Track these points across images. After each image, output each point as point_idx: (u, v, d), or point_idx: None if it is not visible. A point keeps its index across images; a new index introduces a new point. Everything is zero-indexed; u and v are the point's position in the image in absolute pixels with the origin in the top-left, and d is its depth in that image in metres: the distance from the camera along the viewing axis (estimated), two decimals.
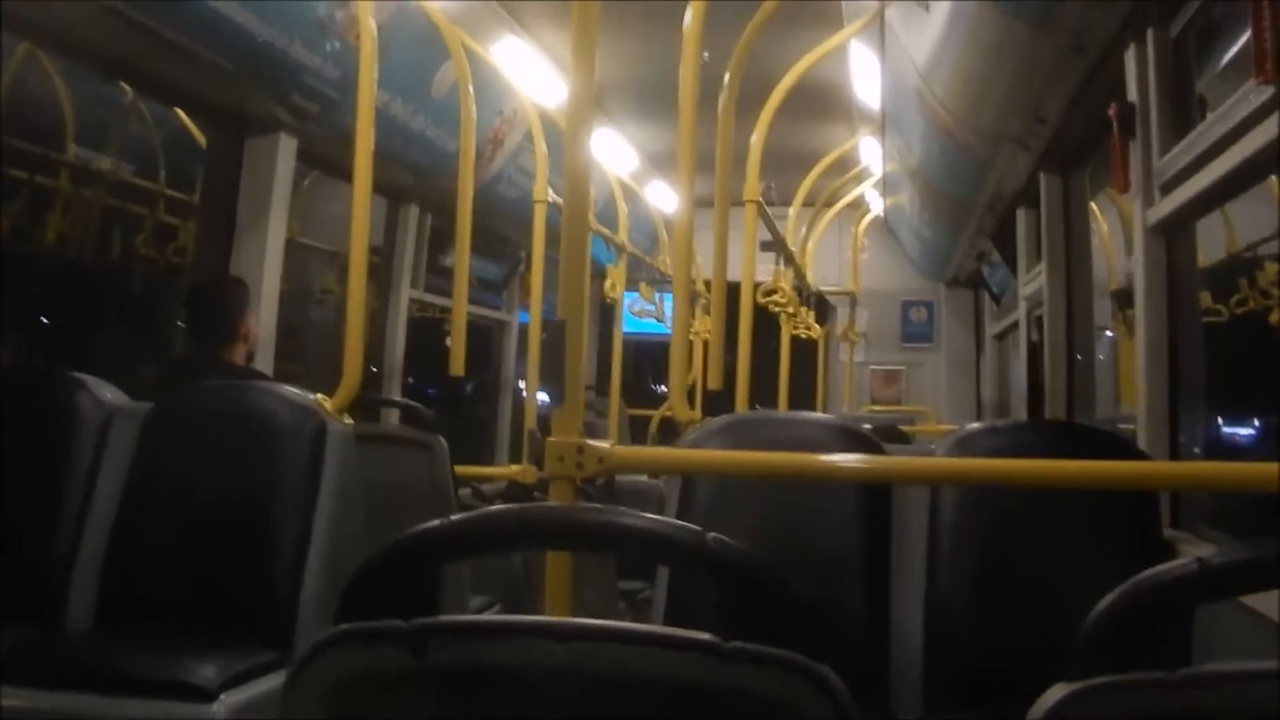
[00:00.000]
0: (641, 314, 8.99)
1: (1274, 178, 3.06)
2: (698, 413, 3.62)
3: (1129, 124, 3.35)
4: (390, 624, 1.09)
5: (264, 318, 4.42)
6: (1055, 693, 1.04)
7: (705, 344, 7.13)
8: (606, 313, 8.74)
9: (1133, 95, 3.36)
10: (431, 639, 1.09)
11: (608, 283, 7.31)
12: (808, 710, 1.05)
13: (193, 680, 2.63)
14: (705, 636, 1.06)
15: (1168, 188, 3.13)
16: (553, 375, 2.28)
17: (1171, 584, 1.08)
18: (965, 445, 2.96)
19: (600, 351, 9.45)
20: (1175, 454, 3.22)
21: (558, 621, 1.08)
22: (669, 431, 7.70)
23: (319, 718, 1.12)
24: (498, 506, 1.18)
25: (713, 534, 1.10)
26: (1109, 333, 5.61)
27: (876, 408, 10.13)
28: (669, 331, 3.92)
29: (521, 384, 7.27)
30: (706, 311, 8.06)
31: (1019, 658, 2.40)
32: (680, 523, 1.13)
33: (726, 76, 3.77)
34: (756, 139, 4.46)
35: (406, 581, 1.13)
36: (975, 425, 3.25)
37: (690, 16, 3.30)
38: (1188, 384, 3.28)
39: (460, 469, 4.63)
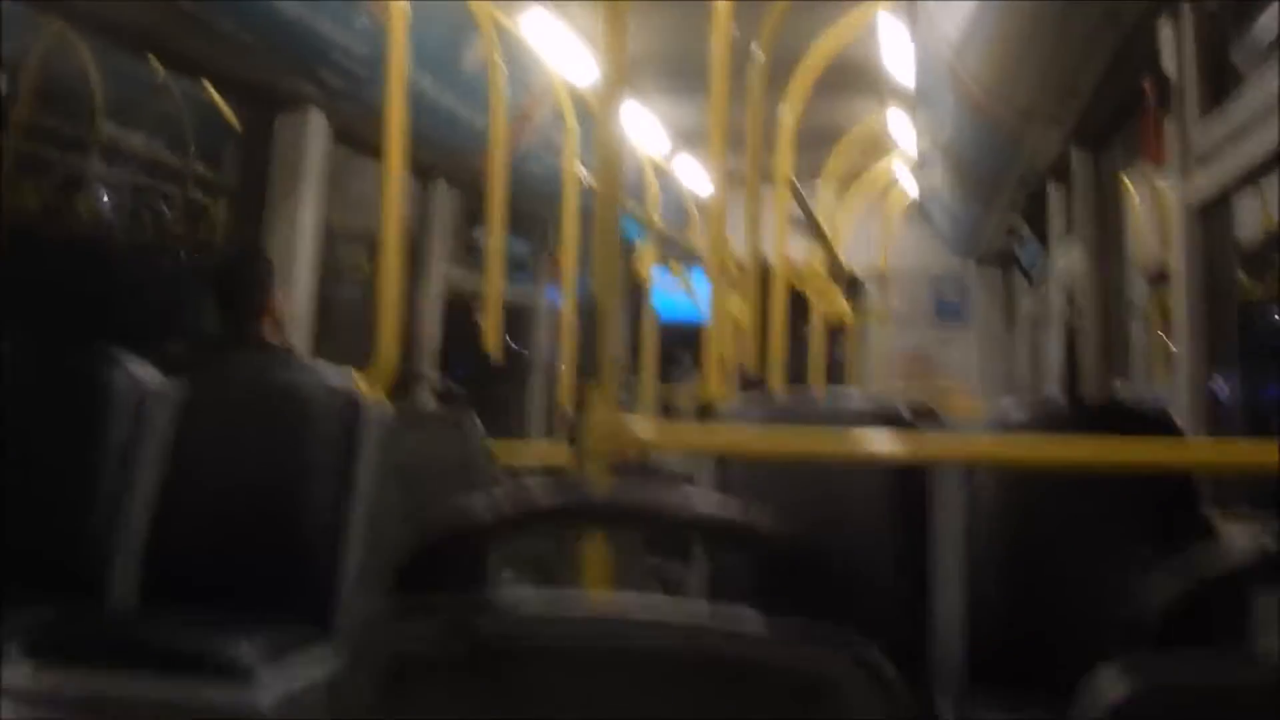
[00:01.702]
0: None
1: None
2: (731, 392, 3.61)
3: (1164, 97, 3.32)
4: (446, 599, 1.10)
5: (299, 295, 4.42)
6: (1111, 667, 1.04)
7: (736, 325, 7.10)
8: (635, 292, 8.71)
9: (1168, 68, 3.33)
10: (485, 617, 1.09)
11: (636, 259, 7.28)
12: (854, 689, 1.05)
13: (233, 656, 2.64)
14: (753, 614, 1.06)
15: (1204, 160, 3.10)
16: (589, 353, 2.28)
17: (1241, 573, 1.06)
18: (1000, 423, 2.94)
19: (630, 331, 9.43)
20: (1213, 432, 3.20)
21: (610, 603, 1.08)
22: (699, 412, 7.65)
23: (374, 690, 1.12)
24: (567, 485, 1.18)
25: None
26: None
27: (908, 385, 10.09)
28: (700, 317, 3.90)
29: None
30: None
31: (1060, 635, 2.40)
32: (759, 516, 1.12)
33: (757, 52, 3.76)
34: (790, 116, 4.43)
35: (463, 558, 1.13)
36: (1009, 403, 3.23)
37: None
38: (1225, 362, 3.25)
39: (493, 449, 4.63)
